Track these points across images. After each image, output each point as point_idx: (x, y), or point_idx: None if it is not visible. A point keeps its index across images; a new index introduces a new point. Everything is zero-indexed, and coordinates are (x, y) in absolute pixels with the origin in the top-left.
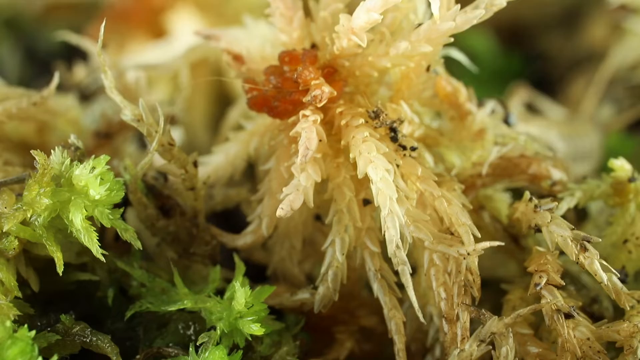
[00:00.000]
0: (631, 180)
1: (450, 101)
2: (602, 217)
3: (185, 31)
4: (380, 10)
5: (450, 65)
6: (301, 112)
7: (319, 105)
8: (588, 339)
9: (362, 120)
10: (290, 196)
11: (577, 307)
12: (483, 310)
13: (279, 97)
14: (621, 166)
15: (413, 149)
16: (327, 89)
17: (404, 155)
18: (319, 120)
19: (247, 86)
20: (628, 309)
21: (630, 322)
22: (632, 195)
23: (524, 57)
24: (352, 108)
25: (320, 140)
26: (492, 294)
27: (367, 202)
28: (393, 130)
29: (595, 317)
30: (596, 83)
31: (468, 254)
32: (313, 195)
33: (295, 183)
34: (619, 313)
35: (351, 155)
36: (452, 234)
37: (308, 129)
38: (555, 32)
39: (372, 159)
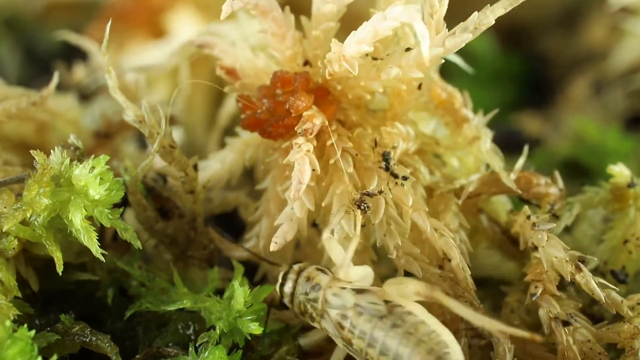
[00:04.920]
0: (630, 185)
1: (445, 107)
2: (597, 216)
3: (184, 31)
4: (370, 42)
5: (450, 65)
6: (294, 141)
7: (310, 137)
8: (589, 340)
9: (351, 169)
10: (284, 227)
11: (576, 309)
12: (479, 330)
13: (272, 122)
14: (620, 172)
15: (405, 178)
16: (318, 120)
17: (396, 184)
18: (312, 149)
19: (240, 104)
20: (631, 315)
21: (631, 324)
22: (632, 201)
23: (523, 58)
24: (343, 140)
25: (313, 170)
26: (492, 293)
27: None
28: (385, 159)
29: (595, 319)
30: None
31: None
32: (313, 198)
33: (288, 213)
34: (619, 314)
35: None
36: (449, 260)
37: (301, 160)
38: (554, 33)
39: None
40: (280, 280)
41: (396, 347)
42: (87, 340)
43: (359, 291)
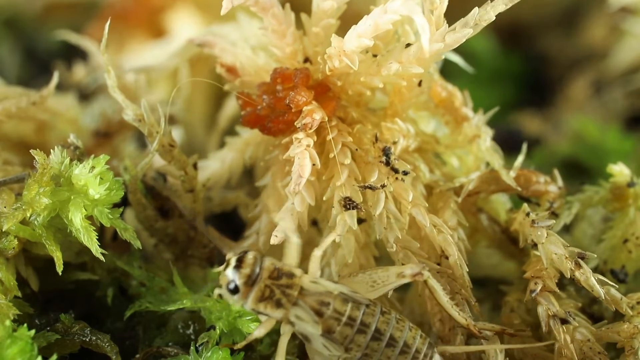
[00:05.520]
0: (630, 185)
1: (445, 106)
2: (597, 216)
3: (184, 31)
4: (371, 35)
5: (450, 65)
6: (294, 136)
7: (310, 131)
8: (589, 340)
9: (348, 160)
10: (284, 221)
11: (576, 308)
12: (478, 327)
13: (272, 118)
14: (620, 171)
15: (405, 173)
16: (318, 115)
17: (396, 179)
18: (312, 144)
19: (240, 101)
20: (631, 314)
21: (631, 323)
22: (632, 200)
23: (523, 58)
24: (343, 134)
25: (313, 165)
26: (491, 292)
27: (360, 220)
28: (386, 154)
29: (595, 318)
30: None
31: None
32: (314, 193)
33: (289, 207)
34: (619, 313)
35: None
36: (447, 257)
37: (301, 154)
38: (554, 32)
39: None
40: (234, 263)
41: (391, 331)
42: (87, 339)
43: (334, 282)
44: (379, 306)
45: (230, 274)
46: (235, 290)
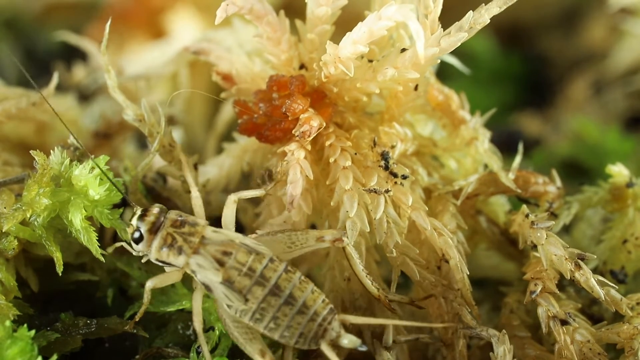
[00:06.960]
0: (629, 185)
1: (442, 109)
2: (596, 216)
3: (184, 32)
4: (366, 42)
5: (449, 66)
6: (286, 148)
7: (308, 139)
8: (588, 341)
9: (349, 162)
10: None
11: (576, 309)
12: (478, 330)
13: (269, 126)
14: (619, 172)
15: (404, 177)
16: (315, 123)
17: (395, 183)
18: (303, 156)
19: (237, 109)
20: (630, 315)
21: (630, 324)
22: (631, 201)
23: (523, 58)
24: (341, 140)
25: (307, 176)
26: (491, 294)
27: None
28: (385, 158)
29: (594, 319)
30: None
31: (458, 289)
32: (311, 201)
33: (286, 216)
34: (619, 314)
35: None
36: (447, 260)
37: (292, 169)
38: (554, 33)
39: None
40: (139, 213)
41: (291, 289)
42: (94, 330)
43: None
44: (285, 264)
45: (135, 222)
46: (139, 239)
